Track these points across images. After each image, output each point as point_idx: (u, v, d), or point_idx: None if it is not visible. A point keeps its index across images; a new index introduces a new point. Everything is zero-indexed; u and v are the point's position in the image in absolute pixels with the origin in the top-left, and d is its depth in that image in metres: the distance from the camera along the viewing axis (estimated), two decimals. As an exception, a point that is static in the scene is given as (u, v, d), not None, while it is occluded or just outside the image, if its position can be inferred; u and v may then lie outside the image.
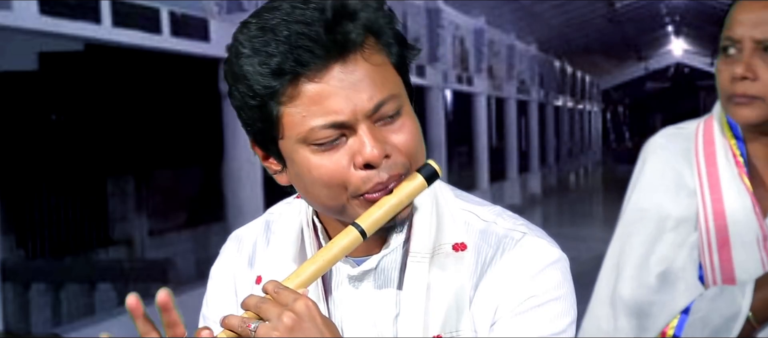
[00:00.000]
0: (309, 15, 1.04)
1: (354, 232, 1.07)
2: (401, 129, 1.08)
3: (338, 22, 1.04)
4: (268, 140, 1.10)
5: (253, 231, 1.25)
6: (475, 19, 14.03)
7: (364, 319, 1.14)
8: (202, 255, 8.39)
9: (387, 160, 1.07)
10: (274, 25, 1.05)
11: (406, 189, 1.08)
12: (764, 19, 1.59)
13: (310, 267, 1.07)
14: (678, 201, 1.69)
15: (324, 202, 1.10)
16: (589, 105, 30.14)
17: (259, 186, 7.70)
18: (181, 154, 8.78)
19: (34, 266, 7.18)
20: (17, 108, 7.41)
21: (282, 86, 1.04)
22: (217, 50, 7.33)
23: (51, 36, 5.92)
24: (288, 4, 1.06)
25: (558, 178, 22.01)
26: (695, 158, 1.70)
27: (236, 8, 7.51)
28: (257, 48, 1.05)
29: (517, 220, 1.17)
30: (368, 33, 1.06)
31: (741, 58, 1.60)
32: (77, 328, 6.37)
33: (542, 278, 1.11)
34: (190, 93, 8.44)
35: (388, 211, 1.07)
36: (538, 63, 19.68)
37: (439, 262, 1.13)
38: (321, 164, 1.06)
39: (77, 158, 7.70)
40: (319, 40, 1.03)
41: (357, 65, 1.05)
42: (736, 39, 1.61)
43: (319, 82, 1.04)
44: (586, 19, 17.84)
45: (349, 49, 1.05)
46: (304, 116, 1.04)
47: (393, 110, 1.07)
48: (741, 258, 1.62)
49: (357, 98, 1.04)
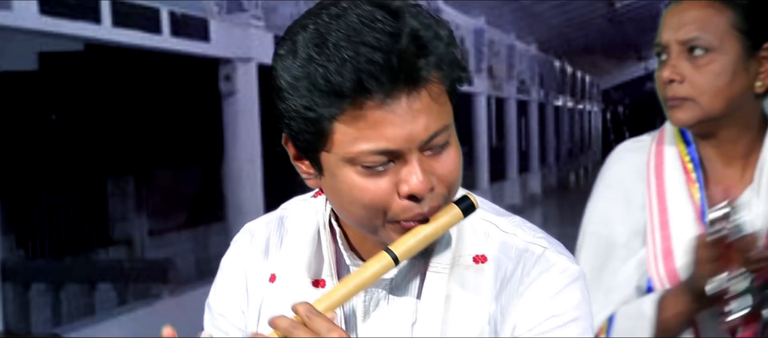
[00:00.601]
0: (379, 39, 1.00)
1: (387, 258, 1.06)
2: (447, 160, 1.06)
3: (412, 54, 1.01)
4: (310, 149, 1.07)
5: (266, 227, 1.23)
6: (475, 19, 14.04)
7: (379, 327, 1.13)
8: (202, 255, 8.39)
9: (430, 192, 1.05)
10: (339, 39, 1.01)
11: (443, 220, 1.07)
12: (685, 20, 1.59)
13: (341, 290, 1.06)
14: (627, 219, 1.69)
15: (358, 220, 1.09)
16: (589, 105, 30.15)
17: (259, 186, 7.70)
18: (181, 154, 8.78)
19: (34, 266, 7.18)
20: (17, 108, 7.41)
21: (341, 106, 1.01)
22: (217, 50, 7.33)
23: (51, 36, 5.93)
24: (354, 17, 1.02)
25: (558, 178, 22.01)
26: (647, 170, 1.70)
27: (236, 8, 7.52)
28: (317, 60, 1.01)
29: (536, 232, 1.15)
30: (437, 69, 1.04)
31: (668, 62, 1.61)
32: (77, 328, 6.37)
33: (563, 297, 1.11)
34: (190, 93, 8.44)
35: (422, 240, 1.07)
36: (538, 63, 19.68)
37: (459, 274, 1.12)
38: (365, 187, 1.04)
39: (77, 158, 7.70)
40: (388, 70, 1.00)
41: (420, 97, 1.02)
42: (664, 44, 1.62)
43: (380, 110, 1.01)
44: (586, 19, 17.85)
45: (417, 83, 1.02)
46: (357, 138, 1.02)
47: (443, 141, 1.05)
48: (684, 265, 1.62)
49: (414, 128, 1.02)
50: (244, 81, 7.54)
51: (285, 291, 1.15)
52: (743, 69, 1.58)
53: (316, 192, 1.21)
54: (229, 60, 7.51)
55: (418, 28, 1.02)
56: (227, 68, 7.55)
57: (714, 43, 1.57)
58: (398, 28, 1.01)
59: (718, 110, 1.58)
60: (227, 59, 7.50)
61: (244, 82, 7.54)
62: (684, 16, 1.60)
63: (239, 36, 7.49)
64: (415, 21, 1.03)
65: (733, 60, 1.57)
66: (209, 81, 7.67)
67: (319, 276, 1.16)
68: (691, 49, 1.59)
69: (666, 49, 1.62)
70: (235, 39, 7.45)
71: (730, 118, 1.60)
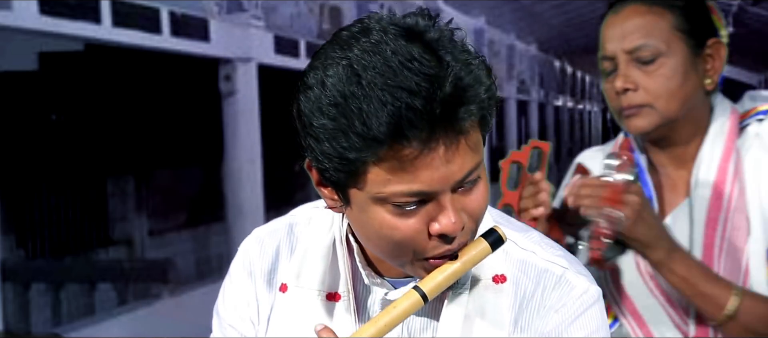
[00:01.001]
0: (418, 83, 0.95)
1: (416, 296, 1.04)
2: (476, 195, 1.04)
3: (453, 103, 0.97)
4: (340, 184, 1.03)
5: (276, 234, 1.21)
6: (475, 19, 14.03)
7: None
8: (202, 255, 8.39)
9: (461, 230, 1.04)
10: (374, 79, 0.96)
11: (472, 256, 1.06)
12: (629, 29, 1.61)
13: (370, 328, 1.04)
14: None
15: (384, 254, 1.07)
16: (589, 105, 30.14)
17: (259, 186, 7.70)
18: (181, 154, 8.77)
19: (34, 266, 7.18)
20: (17, 108, 7.40)
21: (377, 151, 0.97)
22: (217, 50, 7.33)
23: (51, 36, 5.93)
24: (390, 52, 0.97)
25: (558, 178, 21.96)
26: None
27: (236, 8, 7.52)
28: (351, 101, 0.97)
29: (555, 250, 1.14)
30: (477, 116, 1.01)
31: (618, 72, 1.62)
32: (77, 328, 6.38)
33: (583, 321, 1.10)
34: (190, 93, 8.44)
35: (450, 276, 1.05)
36: (538, 63, 19.68)
37: (479, 293, 1.11)
38: (395, 226, 1.02)
39: (77, 158, 7.69)
40: (429, 118, 0.96)
41: (458, 144, 1.00)
42: (610, 55, 1.64)
43: (416, 155, 0.98)
44: (586, 19, 17.82)
45: (457, 133, 0.99)
46: (391, 179, 0.99)
47: (475, 177, 1.03)
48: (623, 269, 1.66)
49: (449, 170, 1.00)
50: (244, 81, 7.54)
51: (297, 302, 1.14)
52: (692, 68, 1.61)
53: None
54: (229, 60, 7.51)
55: (459, 72, 0.98)
56: (227, 68, 7.56)
57: (661, 48, 1.59)
58: (438, 72, 0.97)
59: (675, 112, 1.61)
60: (227, 59, 7.50)
61: (244, 83, 7.54)
62: (626, 25, 1.62)
63: (239, 36, 7.49)
64: (454, 60, 0.98)
65: (682, 61, 1.60)
66: (209, 81, 7.67)
67: (334, 289, 1.14)
68: (638, 58, 1.61)
69: (612, 61, 1.64)
70: (235, 39, 7.45)
71: (684, 120, 1.63)
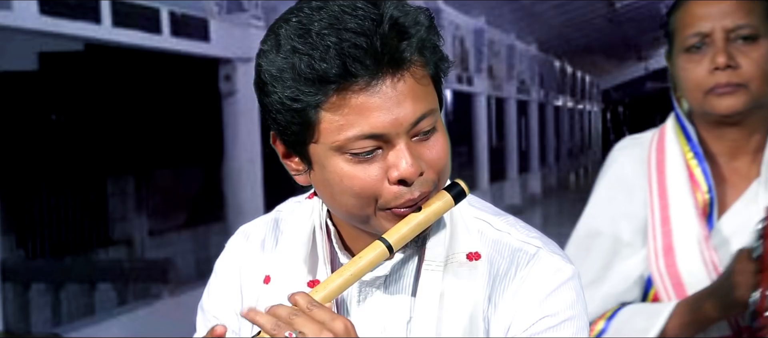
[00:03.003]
0: (362, 25, 1.02)
1: (381, 247, 1.06)
2: (435, 145, 1.08)
3: (394, 37, 1.03)
4: (299, 142, 1.08)
5: (261, 228, 1.24)
6: (475, 19, 14.03)
7: (374, 324, 1.13)
8: (202, 255, 8.39)
9: (420, 177, 1.06)
10: (321, 28, 1.03)
11: (434, 207, 1.08)
12: (730, 8, 1.61)
13: (337, 280, 1.06)
14: (630, 216, 1.70)
15: (349, 210, 1.09)
16: (589, 105, 30.15)
17: (259, 186, 7.70)
18: (181, 154, 8.78)
19: (34, 266, 7.18)
20: (17, 108, 7.41)
21: (326, 93, 1.02)
22: (217, 50, 7.33)
23: (51, 36, 5.92)
24: (336, 7, 1.04)
25: (558, 178, 22.01)
26: (648, 167, 1.71)
27: (236, 8, 7.51)
28: (301, 50, 1.03)
29: (530, 231, 1.16)
30: (419, 53, 1.06)
31: (711, 51, 1.61)
32: (77, 328, 6.38)
33: (556, 297, 1.11)
34: (190, 93, 8.44)
35: (414, 228, 1.08)
36: (538, 63, 19.68)
37: (453, 271, 1.12)
38: (354, 175, 1.05)
39: (77, 158, 7.69)
40: (372, 53, 1.02)
41: (404, 80, 1.04)
42: (706, 33, 1.62)
43: (365, 94, 1.02)
44: (586, 19, 17.84)
45: (400, 66, 1.04)
46: (343, 124, 1.03)
47: (430, 126, 1.07)
48: (684, 261, 1.63)
49: (400, 112, 1.04)
50: (244, 81, 7.54)
51: (280, 291, 1.15)
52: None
53: (310, 193, 1.21)
54: (229, 60, 7.51)
55: (398, 14, 1.04)
56: (227, 68, 7.55)
57: (759, 29, 1.61)
58: (379, 15, 1.03)
59: (764, 95, 1.61)
60: (227, 59, 7.50)
61: (244, 83, 7.53)
62: (725, 4, 1.62)
63: (239, 36, 7.49)
64: (394, 8, 1.05)
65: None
66: (209, 81, 7.67)
67: (315, 275, 1.16)
68: (738, 36, 1.60)
69: (704, 38, 1.62)
70: (235, 39, 7.44)
71: (760, 107, 1.63)
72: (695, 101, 1.66)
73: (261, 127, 7.68)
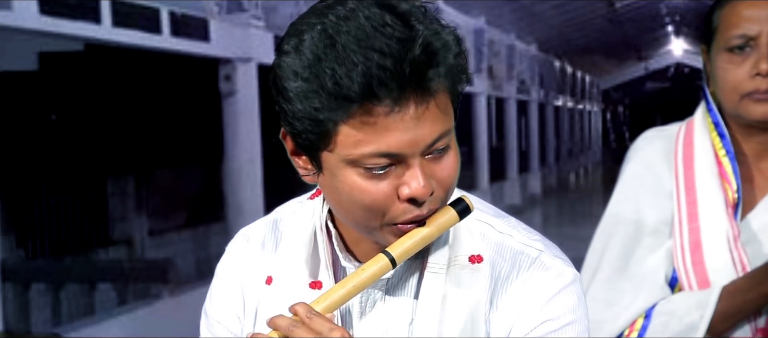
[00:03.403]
0: (390, 45, 0.99)
1: (384, 260, 1.07)
2: (447, 164, 1.07)
3: (422, 64, 1.01)
4: (312, 148, 1.06)
5: (261, 230, 1.23)
6: (475, 19, 14.04)
7: (376, 325, 1.13)
8: (202, 255, 8.39)
9: (430, 196, 1.06)
10: (348, 41, 1.00)
11: (439, 223, 1.08)
12: None
13: (339, 291, 1.07)
14: (656, 205, 1.68)
15: (355, 220, 1.09)
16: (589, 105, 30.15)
17: (259, 186, 7.70)
18: (181, 154, 8.78)
19: (34, 266, 7.17)
20: (17, 108, 7.40)
21: (348, 110, 1.01)
22: (217, 50, 7.33)
23: (51, 36, 5.93)
24: (363, 19, 1.01)
25: (558, 178, 22.00)
26: (674, 159, 1.69)
27: (236, 8, 7.52)
28: (325, 62, 1.00)
29: (532, 234, 1.16)
30: (445, 79, 1.04)
31: (755, 55, 1.59)
32: (77, 328, 6.38)
33: (558, 302, 1.11)
34: (190, 93, 8.44)
35: (418, 242, 1.08)
36: (538, 63, 19.68)
37: (455, 274, 1.12)
38: (365, 188, 1.05)
39: (77, 158, 7.69)
40: (399, 77, 0.99)
41: (428, 107, 1.03)
42: (752, 36, 1.59)
43: (387, 116, 1.01)
44: (586, 19, 17.85)
45: (426, 93, 1.02)
46: (361, 140, 1.02)
47: (445, 145, 1.06)
48: (712, 259, 1.62)
49: (419, 134, 1.03)
50: (244, 81, 7.54)
51: (282, 293, 1.15)
52: None
53: (312, 194, 1.21)
54: (229, 60, 7.51)
55: (429, 37, 1.01)
56: (227, 68, 7.55)
57: None
58: (409, 35, 1.00)
59: None
60: (227, 59, 7.50)
61: (244, 83, 7.54)
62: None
63: (239, 36, 7.49)
64: (425, 28, 1.02)
65: None
66: (209, 81, 7.67)
67: (316, 277, 1.16)
68: None
69: (749, 41, 1.60)
70: (235, 39, 7.45)
71: None
72: (730, 103, 1.64)
73: (261, 127, 7.68)
